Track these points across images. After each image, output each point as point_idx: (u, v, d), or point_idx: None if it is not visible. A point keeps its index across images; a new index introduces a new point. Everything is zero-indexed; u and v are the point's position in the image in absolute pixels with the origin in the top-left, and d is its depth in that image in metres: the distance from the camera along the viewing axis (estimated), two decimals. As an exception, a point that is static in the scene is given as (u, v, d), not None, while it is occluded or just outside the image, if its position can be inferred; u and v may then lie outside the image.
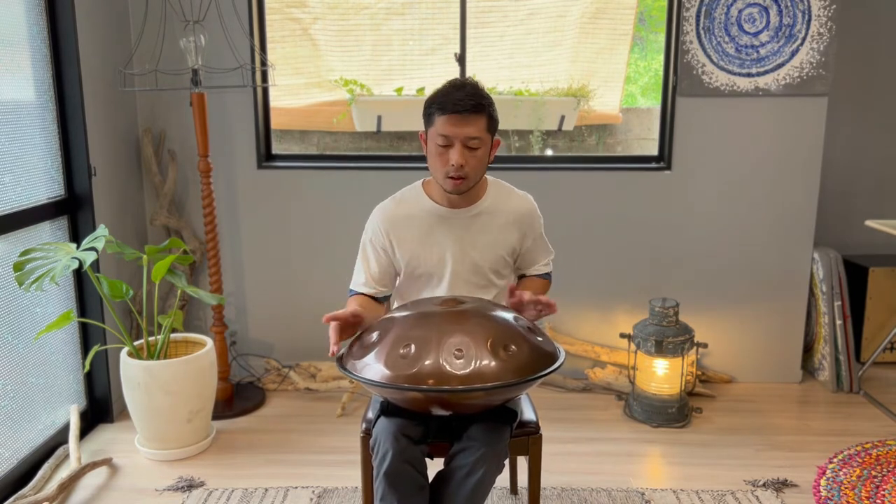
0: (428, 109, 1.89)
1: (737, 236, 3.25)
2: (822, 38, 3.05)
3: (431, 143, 1.90)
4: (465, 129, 1.84)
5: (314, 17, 3.58)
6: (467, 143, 1.86)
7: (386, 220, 2.01)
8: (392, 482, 1.70)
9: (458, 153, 1.85)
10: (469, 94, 1.85)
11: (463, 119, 1.83)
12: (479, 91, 1.88)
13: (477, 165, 1.90)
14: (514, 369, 1.63)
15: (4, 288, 2.44)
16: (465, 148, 1.86)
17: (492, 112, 1.90)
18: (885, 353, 3.57)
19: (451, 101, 1.84)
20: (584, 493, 2.45)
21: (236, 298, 3.34)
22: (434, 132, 1.88)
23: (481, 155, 1.90)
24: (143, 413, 2.65)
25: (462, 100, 1.83)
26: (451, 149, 1.86)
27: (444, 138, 1.86)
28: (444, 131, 1.85)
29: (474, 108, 1.84)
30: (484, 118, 1.87)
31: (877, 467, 2.59)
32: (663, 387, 2.97)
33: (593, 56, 3.81)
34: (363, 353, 1.71)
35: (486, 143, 1.90)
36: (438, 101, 1.86)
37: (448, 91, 1.87)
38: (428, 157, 1.94)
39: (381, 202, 2.06)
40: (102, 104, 2.87)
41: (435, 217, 1.99)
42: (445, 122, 1.84)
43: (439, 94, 1.87)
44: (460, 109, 1.83)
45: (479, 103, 1.85)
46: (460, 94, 1.84)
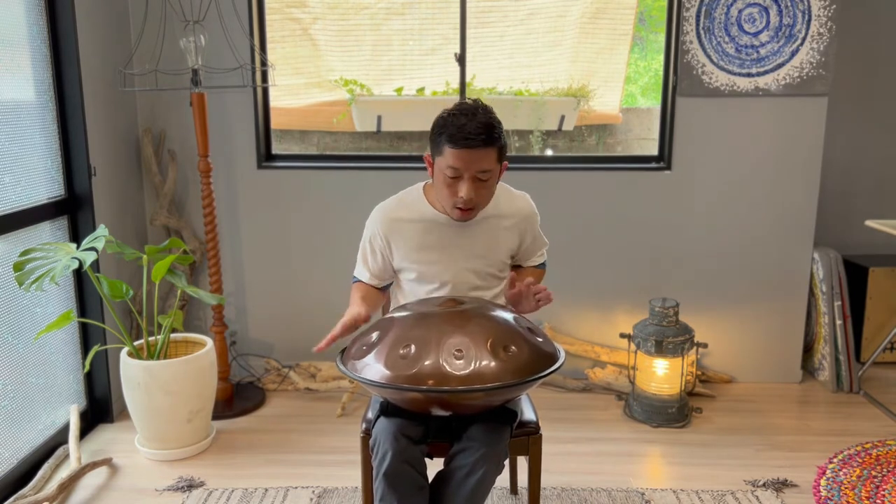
0: (437, 137, 1.82)
1: (737, 236, 3.25)
2: (822, 38, 3.05)
3: (439, 172, 1.85)
4: (476, 164, 1.79)
5: (314, 17, 3.58)
6: (478, 175, 1.81)
7: (385, 223, 1.99)
8: (392, 482, 1.70)
9: (468, 187, 1.81)
10: (481, 126, 1.77)
11: (474, 154, 1.78)
12: (490, 121, 1.80)
13: (486, 195, 1.87)
14: (514, 370, 1.63)
15: (4, 288, 2.44)
16: (476, 180, 1.82)
17: (502, 142, 1.84)
18: (885, 353, 3.57)
19: (462, 134, 1.76)
20: (584, 493, 2.45)
21: (236, 298, 3.34)
22: (443, 162, 1.82)
23: (491, 184, 1.87)
24: (143, 413, 2.65)
25: (473, 133, 1.76)
26: (460, 181, 1.82)
27: (454, 170, 1.81)
28: (455, 164, 1.80)
29: (486, 142, 1.78)
30: (495, 150, 1.81)
31: (877, 467, 2.59)
32: (663, 387, 2.97)
33: (593, 56, 3.81)
34: (363, 354, 1.71)
35: (495, 173, 1.86)
36: (448, 133, 1.78)
37: (458, 120, 1.78)
38: (434, 182, 1.90)
39: (383, 202, 2.04)
40: (102, 104, 2.87)
41: (435, 224, 1.97)
42: (456, 155, 1.78)
43: (449, 124, 1.79)
44: (472, 145, 1.77)
45: (490, 136, 1.78)
46: (472, 125, 1.77)
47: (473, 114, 1.80)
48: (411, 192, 2.03)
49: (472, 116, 1.79)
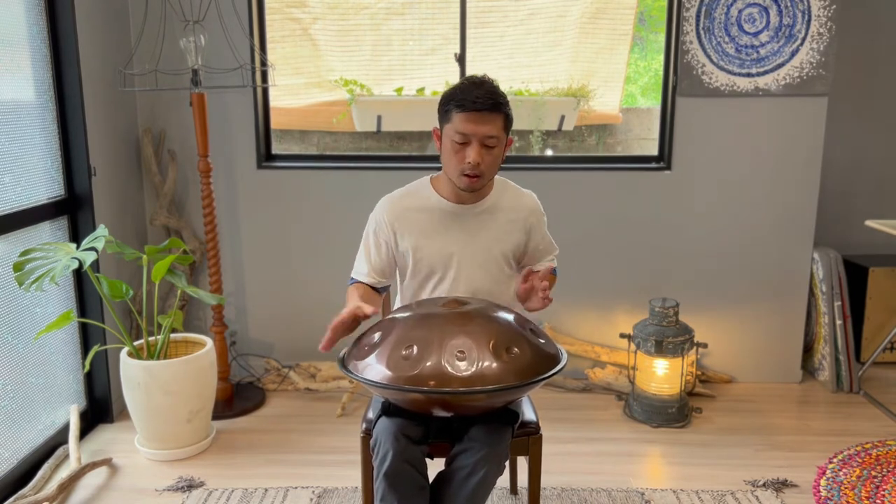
0: (445, 106, 1.88)
1: (737, 236, 3.25)
2: (822, 38, 3.05)
3: (447, 140, 1.90)
4: (484, 128, 1.84)
5: (314, 17, 3.58)
6: (485, 141, 1.86)
7: (391, 212, 2.00)
8: (392, 482, 1.70)
9: (475, 151, 1.85)
10: (488, 93, 1.84)
11: (482, 117, 1.83)
12: (497, 89, 1.87)
13: (492, 164, 1.91)
14: (516, 371, 1.63)
15: (4, 288, 2.44)
16: (483, 146, 1.86)
17: (508, 111, 1.89)
18: (885, 353, 3.57)
19: (470, 98, 1.83)
20: (584, 493, 2.45)
21: (236, 298, 3.34)
22: (451, 129, 1.87)
23: (497, 154, 1.90)
24: (143, 413, 2.65)
25: (481, 98, 1.82)
26: (468, 147, 1.86)
27: (462, 136, 1.85)
28: (463, 129, 1.85)
29: (493, 106, 1.84)
30: (501, 117, 1.87)
31: (877, 467, 2.59)
32: (663, 387, 2.97)
33: (593, 56, 3.81)
34: (365, 354, 1.71)
35: (502, 141, 1.90)
36: (457, 99, 1.85)
37: (467, 88, 1.86)
38: (442, 153, 1.94)
39: (388, 194, 2.05)
40: (102, 104, 2.87)
41: (441, 212, 1.99)
42: (464, 119, 1.84)
43: (458, 91, 1.87)
44: (479, 108, 1.82)
45: (497, 102, 1.85)
46: (479, 91, 1.84)
47: (481, 83, 1.87)
48: (417, 183, 2.06)
49: (480, 86, 1.86)
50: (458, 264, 1.98)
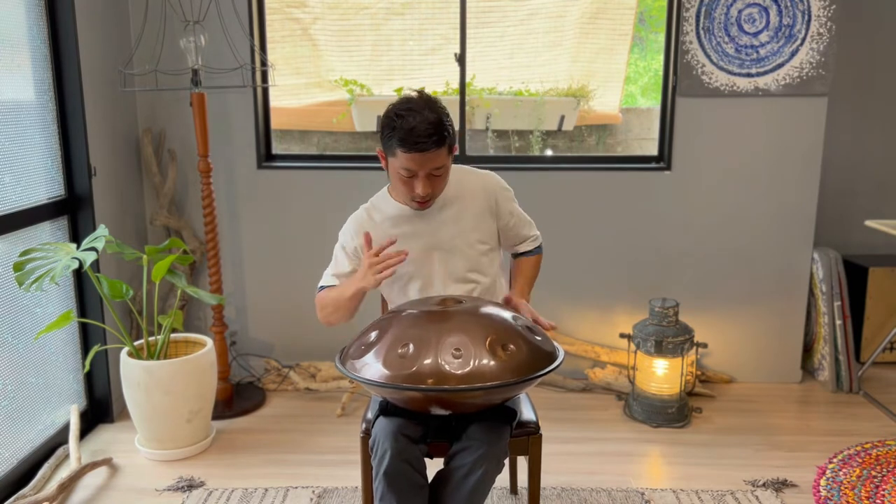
0: (387, 139, 1.82)
1: (737, 236, 3.25)
2: (822, 39, 3.05)
3: (394, 171, 1.87)
4: (430, 163, 1.82)
5: (314, 17, 3.58)
6: (432, 172, 1.84)
7: (359, 227, 2.00)
8: (391, 482, 1.70)
9: (422, 184, 1.84)
10: (429, 126, 1.77)
11: (426, 155, 1.80)
12: (437, 116, 1.80)
13: (442, 186, 1.91)
14: (513, 369, 1.63)
15: (4, 288, 2.44)
16: (430, 177, 1.85)
17: (452, 134, 1.84)
18: (885, 353, 3.57)
19: (412, 138, 1.77)
20: (584, 493, 2.45)
21: (236, 298, 3.34)
22: (396, 163, 1.83)
23: (444, 177, 1.89)
24: (143, 413, 2.65)
25: (424, 136, 1.76)
26: (415, 179, 1.84)
27: (408, 171, 1.83)
28: (408, 165, 1.82)
29: (437, 142, 1.79)
30: (445, 146, 1.83)
31: (877, 467, 2.59)
32: (663, 387, 2.97)
33: (593, 56, 3.80)
34: (362, 353, 1.71)
35: (448, 165, 1.88)
36: (399, 136, 1.78)
37: (407, 122, 1.77)
38: (390, 177, 1.92)
39: (352, 213, 2.05)
40: (102, 104, 2.87)
41: (403, 218, 1.98)
42: (409, 158, 1.80)
43: (398, 126, 1.78)
44: (423, 148, 1.78)
45: (440, 135, 1.79)
46: (421, 126, 1.76)
47: (421, 111, 1.79)
48: (376, 197, 2.06)
49: (421, 114, 1.78)
50: (436, 263, 1.99)
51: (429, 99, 1.83)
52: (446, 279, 1.99)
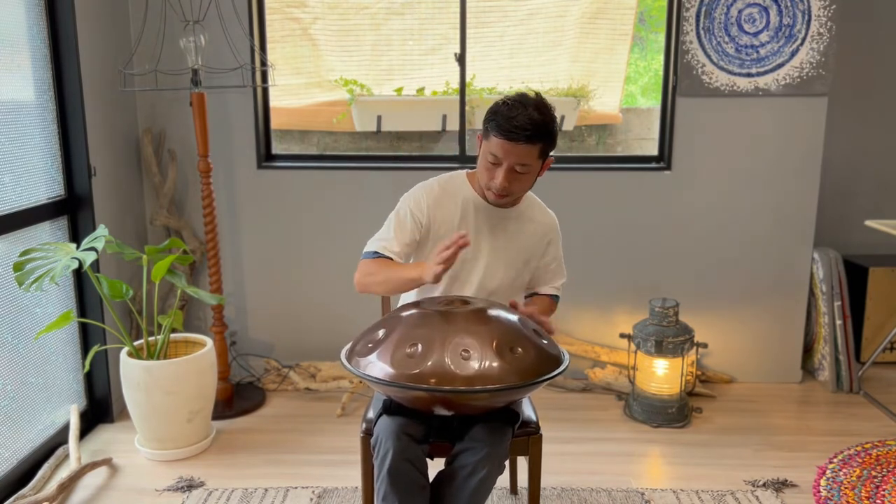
0: (488, 121, 1.85)
1: (737, 236, 3.25)
2: (822, 38, 3.05)
3: (483, 154, 1.88)
4: (516, 156, 1.82)
5: (314, 17, 3.58)
6: (516, 167, 1.84)
7: (431, 199, 1.98)
8: (394, 481, 1.70)
9: (503, 176, 1.85)
10: (529, 121, 1.78)
11: (515, 147, 1.81)
12: (542, 117, 1.80)
13: (523, 187, 1.91)
14: (519, 371, 1.63)
15: (4, 288, 2.44)
16: (512, 171, 1.85)
17: (551, 139, 1.84)
18: (885, 353, 3.57)
19: (509, 125, 1.78)
20: (584, 493, 2.45)
21: (236, 298, 3.34)
22: (487, 147, 1.86)
23: (529, 178, 1.89)
24: (143, 413, 2.65)
25: (519, 128, 1.78)
26: (498, 168, 1.85)
27: (495, 157, 1.84)
28: (495, 151, 1.83)
29: (529, 138, 1.79)
30: (538, 147, 1.83)
31: (877, 467, 2.59)
32: (663, 387, 2.97)
33: (593, 56, 3.80)
34: (368, 351, 1.71)
35: (535, 167, 1.88)
36: (498, 119, 1.81)
37: (510, 111, 1.80)
38: (479, 161, 1.92)
39: (423, 181, 2.03)
40: (102, 104, 2.87)
41: (475, 208, 1.99)
42: (498, 144, 1.82)
43: (501, 112, 1.81)
44: (514, 138, 1.79)
45: (536, 133, 1.80)
46: (521, 118, 1.78)
47: (526, 107, 1.81)
48: (455, 176, 2.04)
49: (524, 109, 1.80)
50: (481, 262, 1.99)
51: (542, 101, 1.85)
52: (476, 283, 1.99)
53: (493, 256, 2.00)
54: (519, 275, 2.05)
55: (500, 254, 2.00)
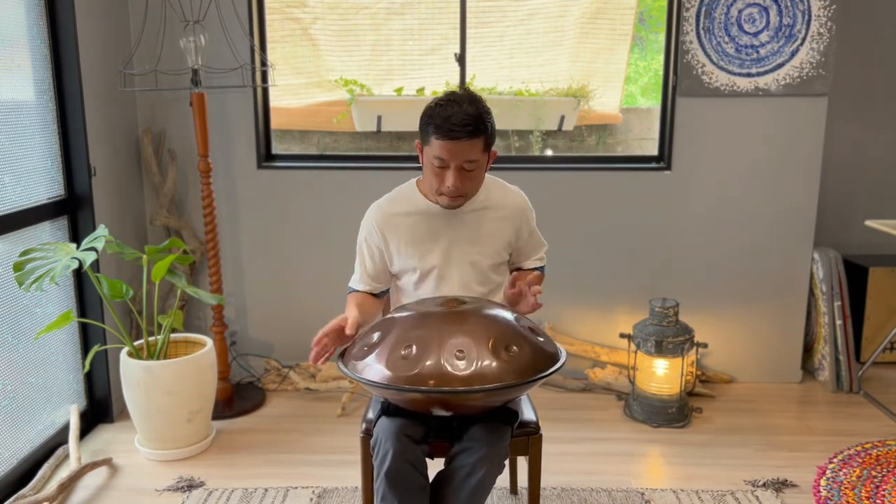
0: (425, 127, 1.84)
1: (737, 236, 3.25)
2: (822, 38, 3.05)
3: (427, 161, 1.87)
4: (462, 155, 1.81)
5: (314, 17, 3.58)
6: (463, 165, 1.83)
7: (380, 219, 2.00)
8: (393, 482, 1.70)
9: (454, 177, 1.83)
10: (467, 116, 1.78)
11: (459, 145, 1.80)
12: (477, 111, 1.81)
13: (474, 184, 1.90)
14: (516, 370, 1.63)
15: (4, 288, 2.44)
16: (462, 171, 1.84)
17: (489, 130, 1.85)
18: (885, 353, 3.57)
19: (448, 125, 1.78)
20: (584, 493, 2.45)
21: (236, 298, 3.34)
22: (430, 152, 1.84)
23: (478, 174, 1.88)
24: (143, 413, 2.65)
25: (458, 126, 1.77)
26: (446, 171, 1.84)
27: (441, 160, 1.83)
28: (441, 154, 1.82)
29: (471, 133, 1.79)
30: (481, 140, 1.82)
31: (877, 467, 2.59)
32: (663, 387, 2.97)
33: (593, 56, 3.80)
34: (364, 354, 1.71)
35: (482, 162, 1.87)
36: (435, 123, 1.80)
37: (445, 111, 1.79)
38: (423, 169, 1.92)
39: (376, 201, 2.05)
40: (102, 104, 2.87)
41: (429, 215, 1.98)
42: (442, 147, 1.80)
43: (436, 114, 1.81)
44: (457, 137, 1.78)
45: (476, 127, 1.80)
46: (458, 116, 1.78)
47: (461, 103, 1.80)
48: (403, 188, 2.05)
49: (460, 106, 1.80)
50: (449, 265, 1.98)
51: (473, 95, 1.85)
52: (457, 283, 1.99)
53: (466, 256, 1.98)
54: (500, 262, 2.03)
55: (467, 250, 1.98)
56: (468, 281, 1.99)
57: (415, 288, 2.02)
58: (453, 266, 1.98)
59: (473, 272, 2.00)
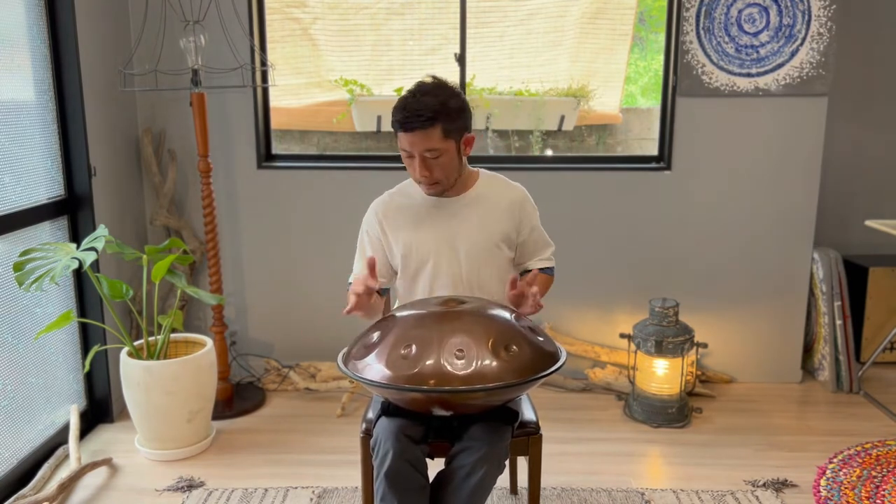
0: (393, 117, 1.90)
1: (737, 236, 3.25)
2: (822, 38, 3.05)
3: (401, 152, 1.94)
4: (420, 144, 1.86)
5: (314, 17, 3.58)
6: (425, 154, 1.88)
7: (380, 211, 2.05)
8: (392, 482, 1.70)
9: (419, 166, 1.89)
10: (421, 107, 1.82)
11: (414, 136, 1.85)
12: (440, 100, 1.84)
13: (445, 171, 1.92)
14: (515, 370, 1.63)
15: (4, 288, 2.44)
16: (425, 160, 1.89)
17: (448, 118, 1.86)
18: (885, 353, 3.57)
19: (402, 116, 1.84)
20: (584, 493, 2.45)
21: (236, 298, 3.34)
22: (398, 143, 1.91)
23: (446, 161, 1.91)
24: (143, 413, 2.65)
25: (410, 117, 1.83)
26: (413, 160, 1.90)
27: (405, 151, 1.90)
28: (403, 145, 1.89)
29: (424, 124, 1.83)
30: (438, 129, 1.85)
31: (877, 467, 2.59)
32: (663, 387, 2.97)
33: (593, 56, 3.80)
34: (364, 354, 1.71)
35: (447, 149, 1.89)
36: (395, 115, 1.87)
37: (403, 102, 1.86)
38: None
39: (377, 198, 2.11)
40: (102, 104, 2.87)
41: (427, 205, 2.02)
42: (402, 137, 1.88)
43: (397, 106, 1.88)
44: (410, 128, 1.84)
45: (428, 117, 1.82)
46: (412, 106, 1.83)
47: (424, 94, 1.85)
48: (404, 183, 2.11)
49: (421, 97, 1.85)
50: (449, 253, 2.00)
51: (438, 84, 1.89)
52: (455, 275, 2.00)
53: (461, 247, 1.99)
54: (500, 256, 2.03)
55: (466, 242, 2.00)
56: (463, 270, 2.00)
57: (413, 278, 2.03)
58: (452, 254, 2.00)
59: (471, 259, 2.00)
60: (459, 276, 2.00)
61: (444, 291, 1.99)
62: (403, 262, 2.02)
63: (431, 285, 2.01)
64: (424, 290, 2.02)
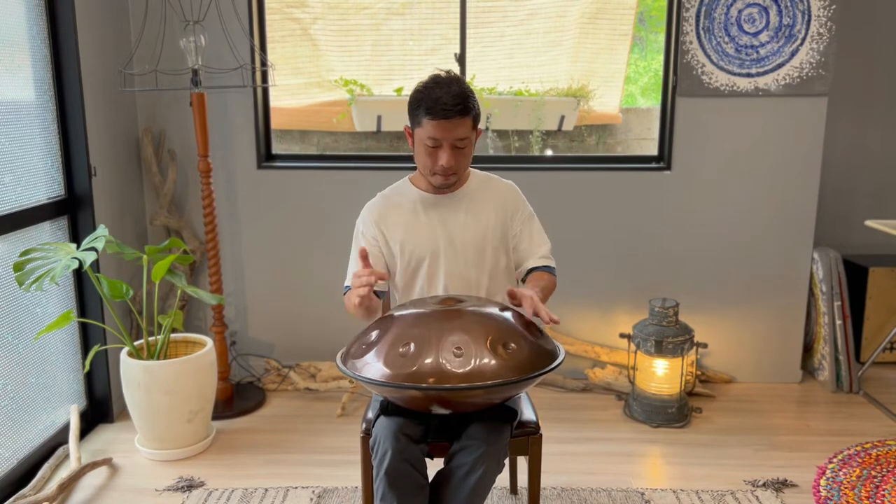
0: (415, 110, 1.91)
1: (737, 236, 3.25)
2: (822, 38, 3.05)
3: (419, 143, 1.93)
4: (454, 133, 1.87)
5: (314, 17, 3.58)
6: (456, 143, 1.89)
7: (375, 212, 2.06)
8: (392, 481, 1.70)
9: (447, 155, 1.90)
10: (456, 96, 1.85)
11: (451, 124, 1.86)
12: (464, 90, 1.88)
13: (466, 160, 1.96)
14: (514, 367, 1.63)
15: (4, 288, 2.44)
16: (454, 149, 1.90)
17: (476, 109, 1.92)
18: (885, 353, 3.57)
19: (439, 106, 1.84)
20: (584, 493, 2.45)
21: (236, 298, 3.34)
22: (422, 133, 1.90)
23: (469, 151, 1.95)
24: (143, 413, 2.65)
25: (449, 105, 1.84)
26: (440, 150, 1.90)
27: (434, 140, 1.89)
28: (433, 134, 1.88)
29: (462, 111, 1.86)
30: (470, 118, 1.89)
31: (877, 467, 2.59)
32: (663, 387, 2.97)
33: (593, 56, 3.81)
34: (363, 352, 1.71)
35: (471, 139, 1.94)
36: (426, 105, 1.87)
37: (434, 92, 1.86)
38: (415, 152, 1.98)
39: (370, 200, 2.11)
40: (102, 104, 2.87)
41: (422, 203, 2.04)
42: (434, 126, 1.87)
43: (425, 97, 1.87)
44: (449, 115, 1.84)
45: (465, 105, 1.86)
46: (447, 96, 1.84)
47: (448, 85, 1.88)
48: (397, 183, 2.12)
49: (447, 87, 1.87)
50: (446, 249, 2.00)
51: (456, 76, 1.92)
52: (453, 271, 2.00)
53: (458, 242, 2.01)
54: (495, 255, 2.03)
55: (462, 241, 2.01)
56: (460, 266, 2.00)
57: (411, 276, 2.03)
58: (449, 250, 2.00)
59: (465, 256, 2.01)
60: (457, 272, 2.00)
61: (441, 288, 2.00)
62: (402, 260, 2.03)
63: (429, 282, 2.01)
64: (422, 287, 2.02)
